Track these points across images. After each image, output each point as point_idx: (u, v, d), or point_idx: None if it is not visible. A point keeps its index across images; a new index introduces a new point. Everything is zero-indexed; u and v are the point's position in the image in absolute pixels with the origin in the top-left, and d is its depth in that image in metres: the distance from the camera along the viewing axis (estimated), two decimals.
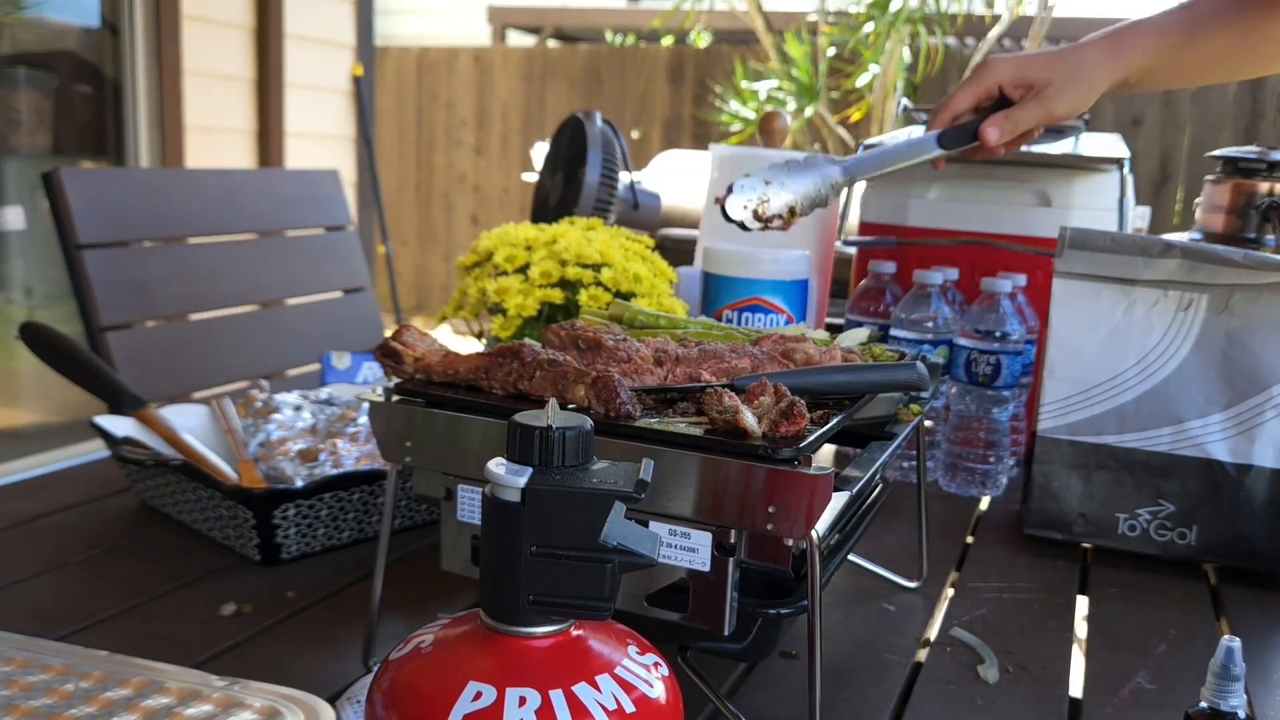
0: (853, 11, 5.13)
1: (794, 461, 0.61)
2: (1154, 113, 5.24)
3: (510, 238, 1.13)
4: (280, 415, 1.08)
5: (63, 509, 1.07)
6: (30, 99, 3.33)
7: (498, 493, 0.45)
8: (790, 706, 0.76)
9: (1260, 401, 1.01)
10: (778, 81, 5.20)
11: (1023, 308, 1.23)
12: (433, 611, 0.87)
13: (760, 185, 0.85)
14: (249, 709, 0.56)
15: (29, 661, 0.61)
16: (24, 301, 3.36)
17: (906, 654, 0.85)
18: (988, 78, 0.97)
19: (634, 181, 1.59)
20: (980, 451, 1.22)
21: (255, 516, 0.93)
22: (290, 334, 1.83)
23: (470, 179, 6.68)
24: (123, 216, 1.58)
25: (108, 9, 3.45)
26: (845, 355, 0.79)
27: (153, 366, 1.56)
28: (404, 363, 0.73)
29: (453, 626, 0.47)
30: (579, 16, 7.67)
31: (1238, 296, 1.02)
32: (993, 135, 0.96)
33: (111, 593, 0.89)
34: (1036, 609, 0.94)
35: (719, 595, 0.65)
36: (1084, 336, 1.06)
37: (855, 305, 1.34)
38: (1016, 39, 5.41)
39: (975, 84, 0.98)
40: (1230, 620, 0.95)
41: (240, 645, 0.81)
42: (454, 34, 7.97)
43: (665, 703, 0.46)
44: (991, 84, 0.97)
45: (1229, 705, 0.59)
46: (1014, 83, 0.97)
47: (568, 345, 0.75)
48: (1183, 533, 1.04)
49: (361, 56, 4.38)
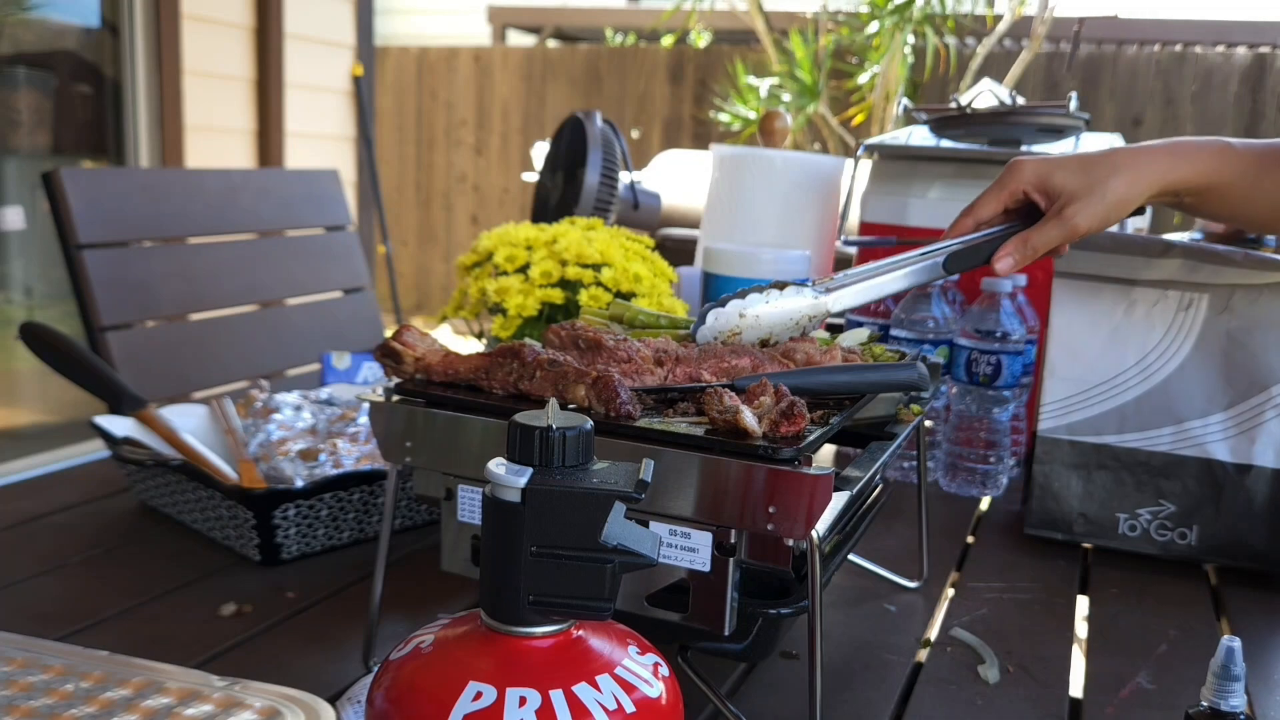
0: (855, 11, 5.13)
1: (794, 461, 0.61)
2: (1154, 112, 5.24)
3: (510, 238, 1.13)
4: (280, 415, 1.08)
5: (63, 509, 1.07)
6: (30, 99, 3.33)
7: (498, 493, 0.45)
8: (791, 707, 0.76)
9: (1260, 401, 1.01)
10: (779, 80, 5.20)
11: (1023, 308, 1.23)
12: (433, 611, 0.87)
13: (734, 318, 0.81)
14: (249, 709, 0.56)
15: (29, 662, 0.61)
16: (24, 301, 3.36)
17: (907, 654, 0.85)
18: (1011, 182, 0.89)
19: (634, 181, 1.59)
20: (981, 451, 1.22)
21: (255, 516, 0.93)
22: (290, 334, 1.83)
23: (470, 179, 6.67)
24: (123, 216, 1.58)
25: (107, 9, 3.45)
26: (846, 355, 0.79)
27: (153, 366, 1.56)
28: (404, 363, 0.73)
29: (453, 627, 0.47)
30: (579, 16, 7.67)
31: (1238, 296, 1.02)
32: (1005, 266, 0.87)
33: (111, 593, 0.89)
34: (1037, 609, 0.94)
35: (719, 595, 0.65)
36: (1084, 336, 1.06)
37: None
38: (1018, 39, 5.42)
39: (999, 189, 0.90)
40: (1231, 620, 0.95)
41: (240, 645, 0.81)
42: (454, 34, 7.97)
43: (665, 703, 0.46)
44: (1016, 189, 0.89)
45: (1229, 705, 0.59)
46: (1038, 189, 0.88)
47: (568, 345, 0.75)
48: (1183, 533, 1.04)
49: (361, 56, 4.38)
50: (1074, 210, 0.86)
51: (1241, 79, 5.13)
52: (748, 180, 1.50)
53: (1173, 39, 5.42)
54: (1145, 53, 5.29)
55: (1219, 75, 5.16)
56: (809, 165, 1.51)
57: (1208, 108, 5.17)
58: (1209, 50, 5.24)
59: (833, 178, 1.50)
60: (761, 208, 1.49)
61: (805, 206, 1.48)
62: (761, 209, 1.49)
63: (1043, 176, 0.88)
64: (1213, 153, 0.89)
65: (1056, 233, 0.87)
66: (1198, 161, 0.89)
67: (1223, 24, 5.49)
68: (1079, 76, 5.28)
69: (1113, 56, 5.28)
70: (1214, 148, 0.89)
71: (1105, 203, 0.86)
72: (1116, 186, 0.87)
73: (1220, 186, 0.89)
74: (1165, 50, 5.30)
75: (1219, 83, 5.16)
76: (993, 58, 5.13)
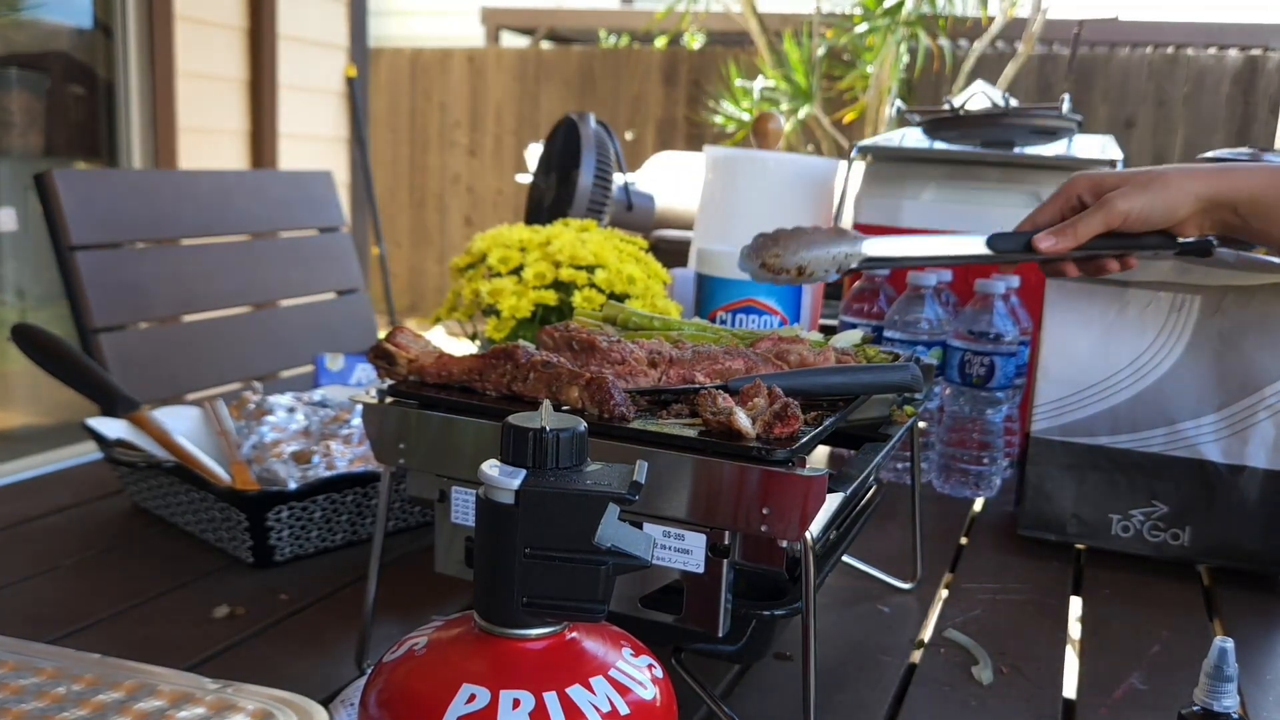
0: (848, 13, 5.14)
1: (788, 463, 0.61)
2: (1147, 114, 5.25)
3: (504, 239, 1.13)
4: (273, 417, 1.08)
5: (55, 511, 1.07)
6: (23, 100, 3.32)
7: (491, 495, 0.45)
8: (785, 708, 0.76)
9: (1253, 403, 1.01)
10: (773, 82, 5.21)
11: (1016, 309, 1.24)
12: (426, 614, 0.87)
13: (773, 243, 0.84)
14: (242, 712, 0.56)
15: (20, 664, 0.60)
16: (16, 303, 3.35)
17: (901, 655, 0.85)
18: (1067, 189, 0.92)
19: (628, 183, 1.59)
20: (974, 453, 1.22)
21: (248, 518, 0.93)
22: (283, 336, 1.82)
23: (464, 180, 6.67)
24: (115, 218, 1.58)
25: (100, 10, 3.45)
26: (839, 357, 0.79)
27: (145, 368, 1.56)
28: (397, 364, 0.73)
29: (446, 629, 0.47)
30: (573, 18, 7.67)
31: (1230, 298, 1.02)
32: (1045, 243, 0.89)
33: (104, 595, 0.89)
34: (1030, 610, 0.94)
35: (713, 597, 0.65)
36: (1077, 338, 1.07)
37: (849, 306, 1.34)
38: (1010, 41, 5.43)
39: (1056, 197, 0.93)
40: (1223, 621, 0.95)
41: (233, 648, 0.81)
42: (447, 35, 7.96)
43: (659, 705, 0.46)
44: (1071, 195, 0.92)
45: (1222, 706, 0.59)
46: (1091, 191, 0.91)
47: (562, 347, 0.75)
48: (1176, 534, 1.04)
49: (355, 57, 4.38)
50: (1116, 195, 0.89)
51: (1233, 81, 5.14)
52: (741, 182, 1.50)
53: (1165, 41, 5.44)
54: (1137, 54, 5.30)
55: (1211, 77, 5.18)
56: (802, 167, 1.51)
57: (1200, 109, 5.19)
58: (1201, 52, 5.26)
59: (826, 179, 1.50)
60: (755, 209, 1.49)
61: (799, 208, 1.48)
62: (755, 210, 1.49)
63: (1096, 181, 0.91)
64: (1269, 169, 0.90)
65: (1098, 215, 0.89)
66: (1257, 175, 0.90)
67: (1215, 26, 5.51)
68: (1071, 79, 5.29)
69: (1105, 58, 5.30)
70: (1270, 165, 0.91)
71: (1148, 191, 0.89)
72: (1164, 179, 0.89)
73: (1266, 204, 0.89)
74: (1157, 52, 5.31)
75: (1211, 84, 5.18)
76: (986, 59, 5.14)
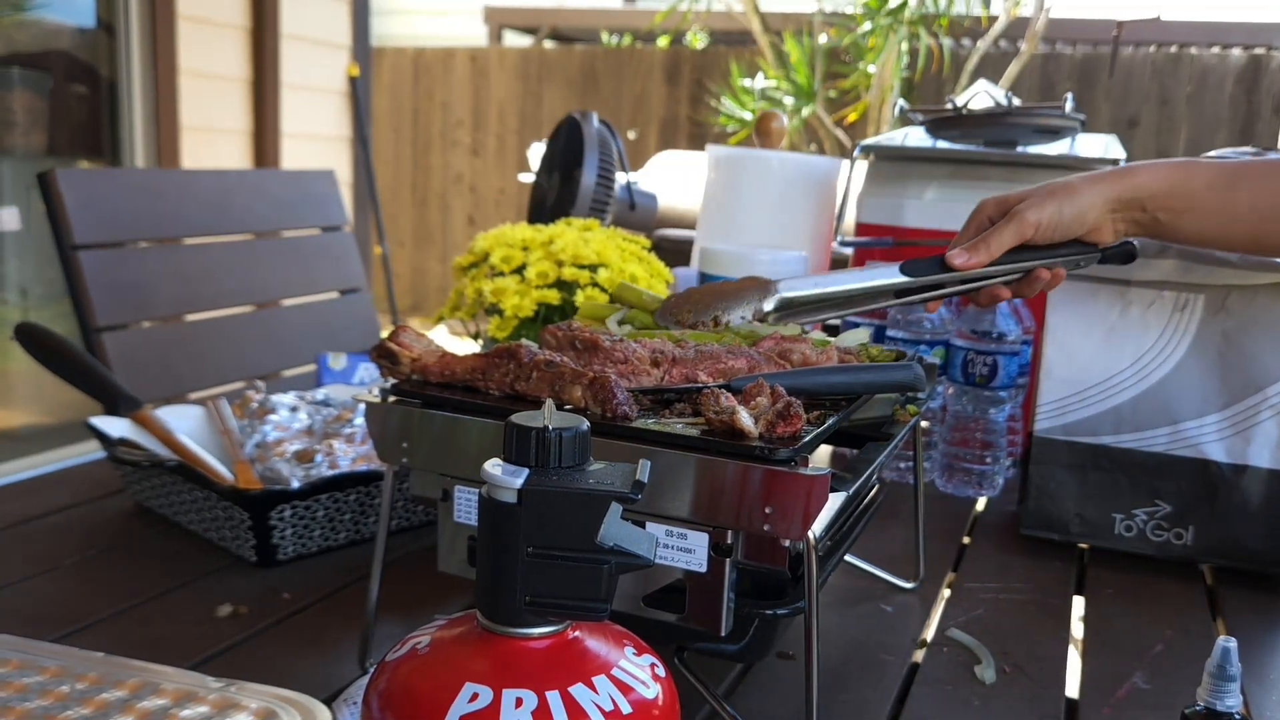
0: (850, 12, 5.13)
1: (791, 462, 0.61)
2: (1150, 113, 5.25)
3: (507, 238, 1.13)
4: (276, 416, 1.08)
5: (58, 510, 1.07)
6: (25, 99, 3.32)
7: (494, 494, 0.45)
8: (787, 707, 0.76)
9: (1256, 402, 1.01)
10: (775, 81, 5.20)
11: (1019, 308, 1.23)
12: (429, 613, 0.87)
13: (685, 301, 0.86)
14: (245, 710, 0.56)
15: (24, 663, 0.61)
16: (19, 302, 3.36)
17: (903, 655, 0.85)
18: (978, 213, 0.93)
19: (630, 182, 1.59)
20: (977, 452, 1.22)
21: (251, 518, 0.93)
22: (286, 335, 1.82)
23: (466, 179, 6.67)
24: (118, 217, 1.58)
25: (103, 9, 3.45)
26: (842, 356, 0.79)
27: (148, 367, 1.56)
28: (400, 363, 0.73)
29: (449, 628, 0.47)
30: (575, 17, 7.67)
31: (1234, 297, 1.02)
32: (959, 259, 0.89)
33: (107, 594, 0.89)
34: (1033, 609, 0.94)
35: (716, 596, 0.65)
36: (1080, 337, 1.07)
37: None
38: (1013, 40, 5.42)
39: (969, 222, 0.93)
40: (1226, 620, 0.95)
41: (236, 647, 0.81)
42: (450, 34, 7.96)
43: (662, 704, 0.46)
44: (981, 216, 0.93)
45: (1225, 705, 0.59)
46: (999, 209, 0.92)
47: (564, 346, 0.75)
48: (1179, 533, 1.04)
49: (357, 57, 4.38)
50: (1024, 206, 0.89)
51: (1237, 80, 5.14)
52: (744, 181, 1.50)
53: (1168, 40, 5.43)
54: (1141, 54, 5.30)
55: (1214, 76, 5.18)
56: (805, 166, 1.51)
57: (1203, 108, 5.18)
58: (1204, 51, 5.25)
59: (829, 179, 1.50)
60: (757, 208, 1.49)
61: (801, 207, 1.48)
62: (757, 210, 1.49)
63: (1002, 200, 0.92)
64: (1175, 164, 0.91)
65: (1009, 228, 0.89)
66: (1158, 170, 0.90)
67: (1218, 25, 5.51)
68: (1074, 78, 5.29)
69: (1108, 57, 5.29)
70: (1176, 161, 0.91)
71: (1055, 199, 0.89)
72: (1070, 187, 0.90)
73: (1187, 196, 0.90)
74: (1161, 51, 5.31)
75: (1214, 84, 5.17)
76: (988, 58, 5.14)
